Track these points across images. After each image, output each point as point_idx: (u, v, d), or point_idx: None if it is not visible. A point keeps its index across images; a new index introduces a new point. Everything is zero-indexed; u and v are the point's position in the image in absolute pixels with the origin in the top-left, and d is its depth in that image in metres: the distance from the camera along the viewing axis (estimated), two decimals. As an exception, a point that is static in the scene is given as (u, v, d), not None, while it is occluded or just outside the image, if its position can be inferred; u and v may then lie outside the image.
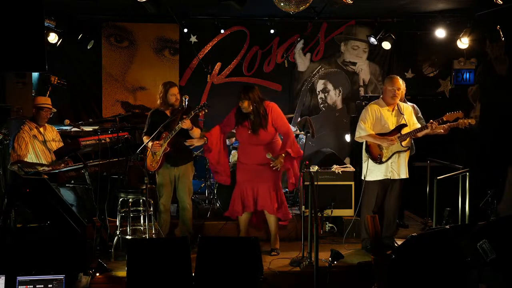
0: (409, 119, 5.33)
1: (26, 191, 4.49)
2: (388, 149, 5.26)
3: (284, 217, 5.43)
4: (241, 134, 5.33)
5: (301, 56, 7.85)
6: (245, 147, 5.36)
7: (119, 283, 4.61)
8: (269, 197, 5.27)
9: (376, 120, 5.31)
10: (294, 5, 4.76)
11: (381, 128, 5.29)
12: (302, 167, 5.27)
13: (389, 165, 5.28)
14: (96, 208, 5.15)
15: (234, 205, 5.39)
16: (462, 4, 6.62)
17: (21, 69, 4.31)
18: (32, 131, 5.50)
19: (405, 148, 5.25)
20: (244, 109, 5.19)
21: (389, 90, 5.29)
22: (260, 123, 5.19)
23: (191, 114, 5.16)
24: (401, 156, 5.28)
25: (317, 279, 4.16)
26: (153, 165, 5.35)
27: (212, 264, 4.31)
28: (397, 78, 5.35)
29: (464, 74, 7.45)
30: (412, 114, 5.39)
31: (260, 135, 5.21)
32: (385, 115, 5.31)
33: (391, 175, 5.29)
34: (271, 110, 5.26)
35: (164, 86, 5.42)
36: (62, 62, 7.10)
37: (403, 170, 5.30)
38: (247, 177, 5.31)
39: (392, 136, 5.22)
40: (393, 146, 5.22)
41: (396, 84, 5.28)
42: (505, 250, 3.71)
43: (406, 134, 5.21)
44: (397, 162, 5.27)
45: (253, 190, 5.30)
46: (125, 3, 6.20)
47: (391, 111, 5.34)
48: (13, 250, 4.30)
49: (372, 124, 5.31)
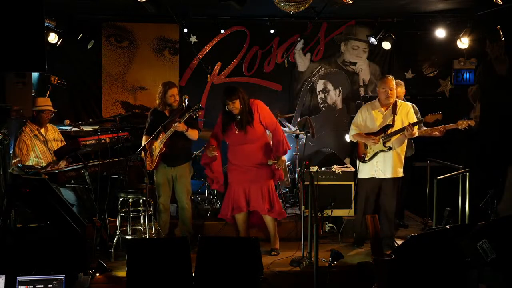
0: (405, 119, 5.34)
1: (26, 191, 4.49)
2: (371, 149, 5.36)
3: (280, 216, 5.39)
4: (229, 136, 5.28)
5: (301, 56, 7.85)
6: (234, 148, 5.31)
7: (119, 283, 4.61)
8: (261, 198, 5.24)
9: (366, 120, 5.43)
10: (294, 5, 4.76)
11: (371, 128, 5.39)
12: (302, 167, 5.28)
13: (374, 164, 5.37)
14: (96, 208, 5.15)
15: (224, 207, 5.38)
16: (462, 4, 6.62)
17: (21, 69, 4.30)
18: (33, 132, 5.50)
19: (386, 148, 5.29)
20: (235, 110, 5.13)
21: (381, 91, 5.37)
22: (247, 120, 5.15)
23: (185, 116, 5.16)
24: (387, 155, 5.32)
25: (317, 279, 4.16)
26: (149, 164, 5.36)
27: (212, 264, 4.31)
28: (389, 78, 5.39)
29: (464, 74, 7.46)
30: (409, 114, 5.37)
31: (248, 133, 5.17)
32: (375, 116, 5.40)
33: (376, 173, 5.37)
34: (257, 108, 5.23)
35: (164, 87, 5.43)
36: (62, 62, 7.10)
37: (389, 169, 5.33)
38: (239, 177, 5.28)
39: (378, 136, 5.31)
40: (376, 145, 5.31)
41: (388, 84, 5.32)
42: (505, 250, 3.71)
43: (389, 134, 5.28)
44: (383, 161, 5.33)
45: (245, 191, 5.27)
46: (125, 3, 6.20)
47: (383, 112, 5.39)
48: (13, 250, 4.30)
49: (361, 124, 5.44)
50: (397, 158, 5.34)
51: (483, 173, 6.21)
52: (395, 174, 5.35)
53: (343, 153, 7.49)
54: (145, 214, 5.29)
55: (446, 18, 7.04)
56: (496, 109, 6.91)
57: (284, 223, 5.80)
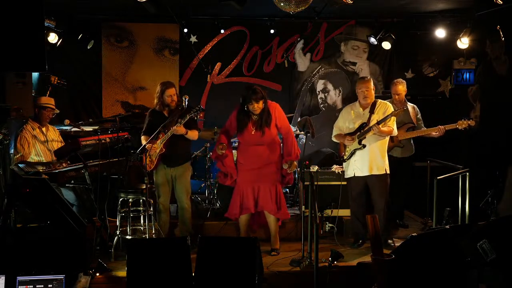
0: (380, 118, 5.33)
1: (26, 191, 4.49)
2: (348, 148, 5.48)
3: (283, 217, 5.44)
4: (244, 135, 5.28)
5: (301, 56, 7.85)
6: (247, 148, 5.31)
7: (119, 283, 4.61)
8: (270, 198, 5.26)
9: (347, 121, 5.54)
10: (294, 5, 4.76)
11: (351, 128, 5.48)
12: (302, 167, 5.29)
13: (352, 163, 5.47)
14: (96, 208, 5.15)
15: (233, 207, 5.37)
16: (462, 4, 6.62)
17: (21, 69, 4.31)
18: (35, 130, 5.51)
19: (360, 146, 5.36)
20: (257, 110, 5.14)
21: (358, 92, 5.47)
22: (266, 121, 5.19)
23: (186, 117, 5.16)
24: (363, 153, 5.38)
25: (317, 279, 4.16)
26: (148, 164, 5.36)
27: (212, 264, 4.30)
28: (365, 79, 5.47)
29: (464, 74, 7.46)
30: (385, 114, 5.32)
31: (265, 134, 5.20)
32: (353, 116, 5.49)
33: (355, 172, 5.45)
34: (275, 110, 5.28)
35: (161, 86, 5.42)
36: (62, 62, 7.10)
37: (366, 167, 5.37)
38: (248, 178, 5.29)
39: (354, 135, 5.40)
40: (353, 144, 5.41)
41: (365, 85, 5.39)
42: (505, 250, 3.71)
43: (362, 132, 5.35)
44: (360, 160, 5.40)
45: (254, 191, 5.28)
46: (125, 3, 6.20)
47: (361, 112, 5.45)
48: (13, 250, 4.30)
49: (342, 125, 5.57)
50: (373, 155, 5.36)
51: (483, 173, 6.22)
52: (375, 171, 5.37)
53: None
54: (145, 214, 5.29)
55: (446, 18, 7.04)
56: (496, 109, 6.91)
57: (284, 223, 5.79)
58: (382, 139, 5.38)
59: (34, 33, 3.91)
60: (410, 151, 6.05)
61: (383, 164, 5.39)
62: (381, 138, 5.37)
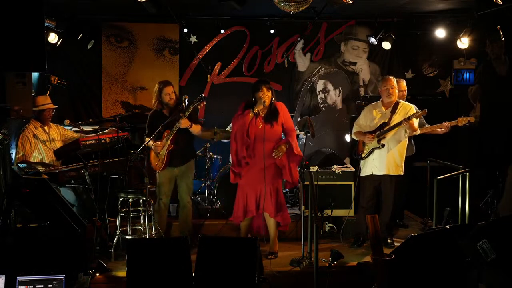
0: (401, 119, 5.33)
1: (26, 191, 4.49)
2: (367, 146, 5.48)
3: (284, 221, 5.34)
4: (251, 130, 5.17)
5: (301, 56, 7.85)
6: (253, 146, 5.17)
7: (119, 283, 4.62)
8: (270, 199, 5.21)
9: (368, 119, 5.55)
10: (294, 5, 4.76)
11: (371, 127, 5.50)
12: (302, 167, 5.28)
13: (371, 161, 5.48)
14: (96, 208, 5.14)
15: (237, 210, 5.29)
16: (462, 4, 6.63)
17: (21, 69, 4.30)
18: (37, 129, 5.51)
19: (379, 146, 5.37)
20: (266, 98, 5.05)
21: (382, 90, 5.48)
22: (274, 116, 5.16)
23: (190, 109, 5.16)
24: (382, 153, 5.40)
25: (317, 279, 4.16)
26: (158, 165, 5.37)
27: (212, 264, 4.31)
28: (389, 77, 5.51)
29: (464, 74, 7.45)
30: (408, 115, 5.34)
31: (272, 128, 5.14)
32: (375, 115, 5.51)
33: (373, 171, 5.46)
34: (281, 107, 5.26)
35: (159, 85, 5.44)
36: (62, 62, 7.11)
37: (384, 166, 5.39)
38: (250, 179, 5.21)
39: (374, 133, 5.42)
40: (372, 143, 5.43)
41: (389, 82, 5.42)
42: (505, 250, 3.71)
43: (382, 132, 5.38)
44: (378, 159, 5.42)
45: (256, 192, 5.21)
46: (125, 3, 6.20)
47: (383, 111, 5.47)
48: (13, 250, 4.29)
49: (363, 123, 5.58)
50: (392, 156, 5.39)
51: (483, 173, 6.22)
52: (391, 171, 5.40)
53: (343, 153, 7.48)
54: (145, 214, 5.29)
55: (446, 18, 7.04)
56: (496, 109, 6.91)
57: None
58: (400, 141, 5.41)
59: (34, 33, 3.92)
60: (410, 151, 6.04)
61: (400, 165, 5.43)
62: (399, 140, 5.40)
